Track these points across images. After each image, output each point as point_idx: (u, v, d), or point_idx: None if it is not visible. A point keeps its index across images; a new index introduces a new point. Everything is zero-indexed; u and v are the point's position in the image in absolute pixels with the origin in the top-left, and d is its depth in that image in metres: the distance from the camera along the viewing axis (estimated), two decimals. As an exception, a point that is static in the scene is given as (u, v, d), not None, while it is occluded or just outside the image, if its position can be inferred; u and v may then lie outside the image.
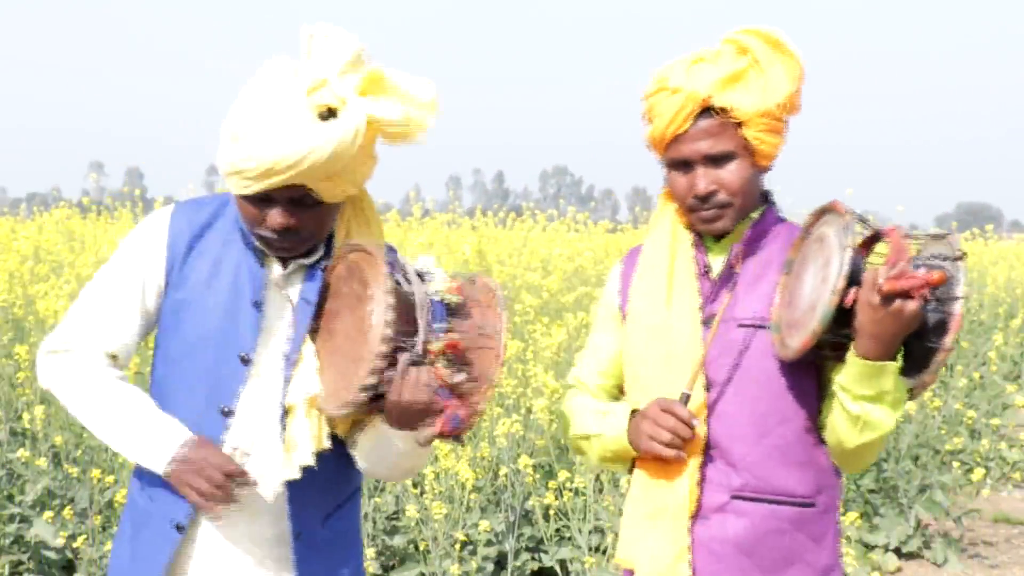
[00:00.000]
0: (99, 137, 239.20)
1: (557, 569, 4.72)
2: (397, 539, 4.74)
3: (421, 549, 4.52)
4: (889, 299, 1.85)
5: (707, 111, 2.08)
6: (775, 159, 2.13)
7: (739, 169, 2.09)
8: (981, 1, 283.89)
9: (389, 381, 1.92)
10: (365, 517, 4.68)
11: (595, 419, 2.21)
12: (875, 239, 2.00)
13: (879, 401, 1.94)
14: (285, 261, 2.07)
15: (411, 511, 4.35)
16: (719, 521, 2.09)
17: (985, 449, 6.80)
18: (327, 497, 2.10)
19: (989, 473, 6.69)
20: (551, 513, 4.68)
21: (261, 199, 1.98)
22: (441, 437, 1.96)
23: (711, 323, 2.10)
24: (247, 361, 2.04)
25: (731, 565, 2.08)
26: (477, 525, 4.55)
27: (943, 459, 6.46)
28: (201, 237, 2.09)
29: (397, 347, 1.91)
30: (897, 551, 6.00)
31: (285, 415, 2.02)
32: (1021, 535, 6.64)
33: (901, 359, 1.93)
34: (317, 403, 2.01)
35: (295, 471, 2.00)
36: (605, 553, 4.55)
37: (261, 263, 2.07)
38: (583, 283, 8.92)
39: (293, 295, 2.07)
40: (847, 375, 1.95)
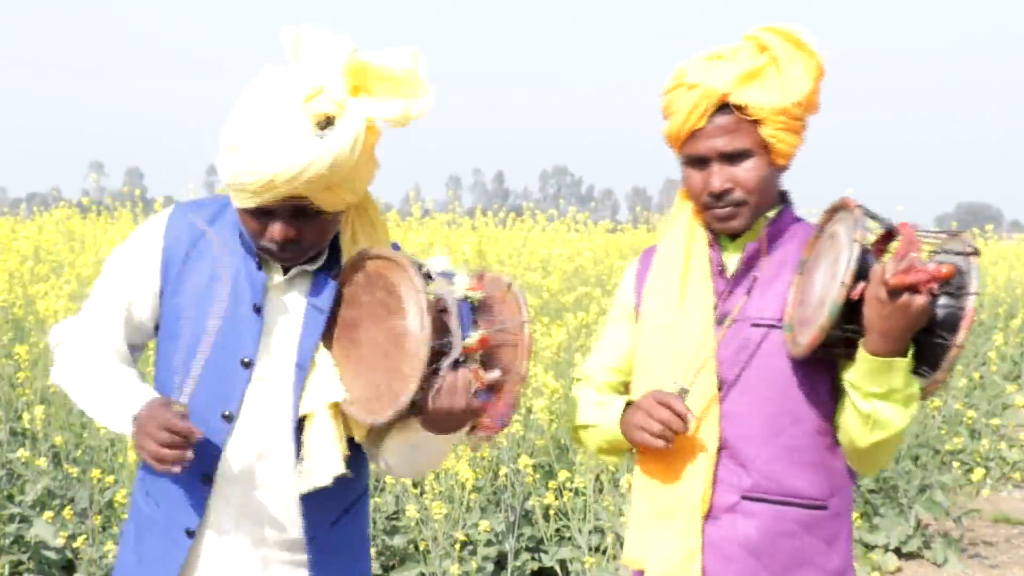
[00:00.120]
0: (99, 137, 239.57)
1: (557, 569, 4.72)
2: (397, 539, 4.74)
3: (421, 549, 4.52)
4: (896, 293, 1.83)
5: (724, 108, 2.06)
6: (793, 158, 2.11)
7: (755, 167, 2.07)
8: (981, 1, 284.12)
9: (429, 388, 1.90)
10: (365, 517, 4.67)
11: (594, 410, 2.21)
12: (889, 237, 1.97)
13: (889, 399, 1.92)
14: (287, 267, 2.06)
15: (411, 511, 4.35)
16: (729, 521, 2.07)
17: (985, 449, 6.80)
18: (338, 500, 2.10)
19: (989, 473, 6.68)
20: (551, 513, 4.68)
21: (262, 212, 1.96)
22: (487, 435, 1.97)
23: (724, 322, 2.09)
24: (249, 365, 2.03)
25: (740, 566, 2.06)
26: (477, 525, 4.55)
27: (943, 459, 6.46)
28: (200, 240, 2.08)
29: (436, 354, 1.90)
30: (897, 551, 5.99)
31: (299, 423, 2.01)
32: (1021, 535, 6.64)
33: (912, 356, 1.91)
34: (340, 411, 1.99)
35: (324, 479, 1.97)
36: (605, 553, 4.55)
37: (260, 267, 2.05)
38: (583, 283, 8.93)
39: (293, 300, 2.06)
40: (856, 372, 1.94)
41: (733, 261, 2.15)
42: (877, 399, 1.93)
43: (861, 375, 1.93)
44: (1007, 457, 6.96)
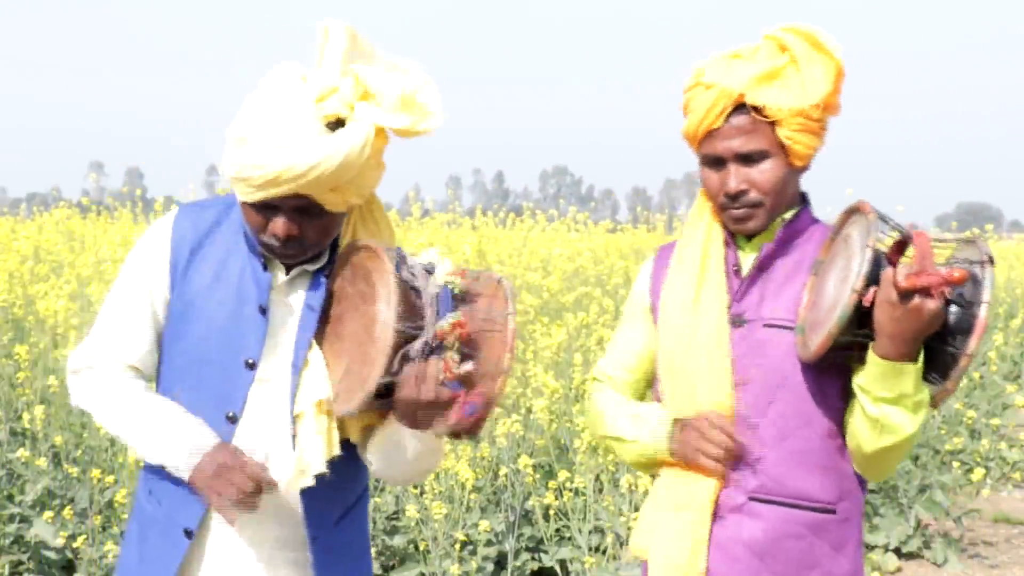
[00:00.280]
0: (99, 137, 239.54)
1: (557, 569, 4.72)
2: (397, 539, 4.74)
3: (421, 549, 4.52)
4: (908, 296, 1.81)
5: (741, 108, 2.05)
6: (812, 159, 2.10)
7: (772, 168, 2.06)
8: (981, 1, 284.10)
9: (398, 376, 1.89)
10: (365, 517, 4.67)
11: (630, 423, 2.18)
12: (904, 245, 1.95)
13: (898, 404, 1.91)
14: (289, 266, 2.06)
15: (411, 511, 4.35)
16: (735, 522, 2.07)
17: (985, 449, 6.79)
18: (339, 500, 2.10)
19: (989, 473, 6.69)
20: (551, 513, 4.68)
21: (266, 206, 1.96)
22: (458, 430, 1.94)
23: (737, 322, 2.08)
24: (253, 367, 2.03)
25: (744, 567, 2.06)
26: (477, 525, 4.55)
27: (943, 459, 6.46)
28: (204, 241, 2.08)
29: (405, 340, 1.88)
30: (897, 551, 5.99)
31: (294, 422, 2.01)
32: (1021, 535, 6.63)
33: (922, 362, 1.89)
34: (327, 407, 1.99)
35: (309, 479, 1.98)
36: (605, 553, 4.55)
37: (265, 268, 2.05)
38: (583, 283, 8.93)
39: (296, 300, 2.06)
40: (866, 376, 1.93)
41: (749, 261, 2.14)
42: (886, 404, 1.92)
43: (871, 379, 1.92)
44: (1007, 457, 6.96)
